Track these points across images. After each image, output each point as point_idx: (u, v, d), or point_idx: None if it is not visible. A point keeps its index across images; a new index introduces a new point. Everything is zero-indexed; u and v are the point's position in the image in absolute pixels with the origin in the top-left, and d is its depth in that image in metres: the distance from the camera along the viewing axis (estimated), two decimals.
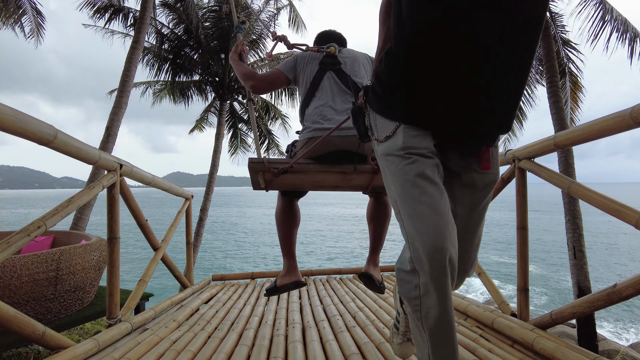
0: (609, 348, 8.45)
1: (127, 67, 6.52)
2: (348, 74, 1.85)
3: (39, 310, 2.68)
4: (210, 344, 1.92)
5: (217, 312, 2.60)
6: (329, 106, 1.79)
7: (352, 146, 1.75)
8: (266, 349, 1.88)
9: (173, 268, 3.09)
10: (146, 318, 2.33)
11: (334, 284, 3.45)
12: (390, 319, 2.32)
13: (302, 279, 2.07)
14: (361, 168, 1.76)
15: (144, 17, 6.87)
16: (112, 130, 6.23)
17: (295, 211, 2.06)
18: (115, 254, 2.07)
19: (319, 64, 1.87)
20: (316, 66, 1.87)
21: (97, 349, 1.74)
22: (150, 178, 2.56)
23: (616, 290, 1.47)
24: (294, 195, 2.06)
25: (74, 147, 1.62)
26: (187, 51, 10.44)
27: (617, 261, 23.68)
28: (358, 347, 1.90)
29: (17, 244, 1.37)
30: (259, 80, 1.90)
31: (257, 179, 1.77)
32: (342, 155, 1.77)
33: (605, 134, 1.47)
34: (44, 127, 1.40)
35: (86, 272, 2.97)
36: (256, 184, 1.82)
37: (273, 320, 2.39)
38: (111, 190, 2.05)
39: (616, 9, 7.07)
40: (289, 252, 2.04)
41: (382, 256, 2.24)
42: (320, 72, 1.85)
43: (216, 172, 10.55)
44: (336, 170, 1.76)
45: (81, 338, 4.53)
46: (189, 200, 3.52)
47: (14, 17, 8.36)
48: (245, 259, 26.50)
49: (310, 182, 1.88)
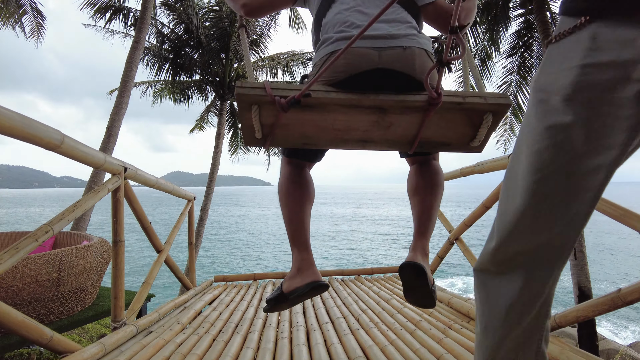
0: (608, 347, 8.48)
1: (128, 67, 6.52)
2: None
3: (41, 312, 2.69)
4: (215, 347, 1.92)
5: (221, 314, 2.61)
6: (358, 11, 1.22)
7: (400, 64, 1.14)
8: (271, 352, 1.89)
9: (176, 270, 3.10)
10: (150, 321, 2.33)
11: (336, 286, 3.45)
12: (394, 321, 2.33)
13: (322, 278, 1.37)
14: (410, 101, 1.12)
15: (144, 17, 6.88)
16: (113, 131, 6.23)
17: (307, 181, 1.45)
18: (119, 257, 2.08)
19: None
20: None
21: (104, 353, 1.75)
22: (154, 180, 2.57)
23: (620, 295, 1.47)
24: (306, 157, 1.46)
25: (80, 151, 1.62)
26: (187, 51, 10.45)
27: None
28: (363, 350, 1.91)
29: (26, 250, 1.37)
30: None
31: (251, 120, 1.13)
32: (381, 80, 1.14)
33: None
34: (51, 132, 1.40)
35: (88, 273, 2.98)
36: (249, 133, 1.18)
37: (277, 323, 2.40)
38: (116, 193, 2.06)
39: None
40: (301, 239, 1.40)
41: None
42: None
43: (216, 172, 10.56)
44: (371, 103, 1.12)
45: (82, 338, 4.53)
46: (191, 202, 3.53)
47: (14, 17, 8.35)
48: (246, 259, 26.52)
49: (329, 130, 1.21)
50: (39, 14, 8.76)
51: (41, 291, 2.64)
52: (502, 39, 9.21)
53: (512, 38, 9.18)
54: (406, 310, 2.56)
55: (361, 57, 1.12)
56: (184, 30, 10.08)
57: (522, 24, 8.92)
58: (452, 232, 3.00)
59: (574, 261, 6.07)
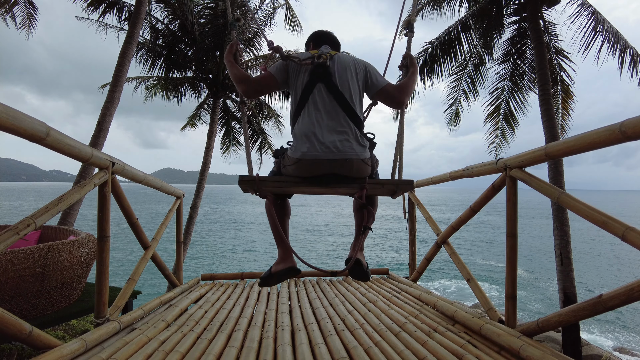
0: (592, 353, 8.60)
1: (121, 62, 6.45)
2: (338, 85, 1.83)
3: (24, 307, 2.65)
4: (199, 345, 1.91)
5: (206, 312, 2.59)
6: (319, 124, 1.78)
7: (343, 169, 1.79)
8: (255, 351, 1.88)
9: (163, 267, 3.07)
10: (134, 317, 2.31)
11: (324, 286, 3.45)
12: (380, 322, 2.34)
13: (297, 266, 2.00)
14: (346, 190, 1.91)
15: (139, 11, 6.81)
16: (103, 125, 6.16)
17: (285, 205, 2.10)
18: (105, 253, 2.05)
19: (309, 75, 1.84)
20: (307, 77, 1.84)
21: (85, 349, 1.72)
22: (142, 176, 2.54)
23: (601, 301, 1.49)
24: (283, 196, 2.10)
25: (66, 144, 1.60)
26: (181, 47, 10.36)
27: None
28: (347, 350, 1.91)
29: (6, 243, 1.35)
30: (250, 84, 1.91)
31: (247, 190, 1.88)
32: (331, 175, 1.82)
33: (595, 146, 1.50)
34: (36, 124, 1.38)
35: (74, 269, 2.94)
36: (245, 191, 1.91)
37: (262, 322, 2.39)
38: (103, 188, 2.03)
39: (608, 20, 7.19)
40: (282, 240, 1.99)
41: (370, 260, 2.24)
42: (310, 83, 1.83)
43: (208, 170, 10.50)
44: (322, 191, 1.95)
45: (66, 335, 4.47)
46: (180, 199, 3.50)
47: (5, 7, 8.22)
48: (233, 257, 26.40)
49: (299, 192, 2.00)
50: (31, 4, 8.63)
51: (25, 286, 2.60)
52: (496, 46, 9.29)
53: (506, 45, 9.26)
54: (392, 312, 2.56)
55: (318, 165, 1.78)
56: (178, 27, 9.99)
57: (516, 31, 9.00)
58: (439, 235, 3.02)
59: (560, 267, 6.13)
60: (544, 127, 6.85)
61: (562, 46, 8.75)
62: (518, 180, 2.08)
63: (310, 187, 1.89)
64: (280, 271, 1.96)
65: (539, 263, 24.84)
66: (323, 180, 1.84)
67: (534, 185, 1.96)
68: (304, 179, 1.86)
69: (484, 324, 2.06)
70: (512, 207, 2.08)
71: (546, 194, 1.90)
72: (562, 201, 1.79)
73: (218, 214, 59.92)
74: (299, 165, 1.81)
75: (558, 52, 8.74)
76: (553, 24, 8.57)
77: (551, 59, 8.52)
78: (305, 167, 1.80)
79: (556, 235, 6.29)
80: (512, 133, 9.95)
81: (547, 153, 1.81)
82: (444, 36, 9.12)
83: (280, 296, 3.09)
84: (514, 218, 2.08)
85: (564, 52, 8.73)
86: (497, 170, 2.22)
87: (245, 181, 1.80)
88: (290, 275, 1.97)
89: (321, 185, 1.86)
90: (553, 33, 8.64)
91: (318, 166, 1.78)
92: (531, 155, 1.94)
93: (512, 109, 9.60)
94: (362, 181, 1.86)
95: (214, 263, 24.31)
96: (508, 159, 2.11)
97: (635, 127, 1.27)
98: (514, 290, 2.06)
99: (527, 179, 1.99)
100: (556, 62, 8.74)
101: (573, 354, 5.69)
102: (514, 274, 2.07)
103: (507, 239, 2.09)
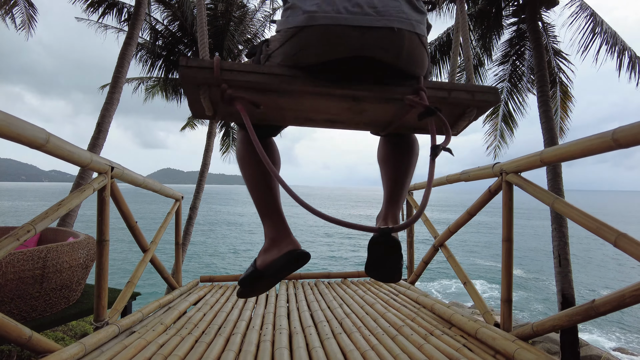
0: (591, 353, 8.63)
1: (120, 63, 6.47)
2: None
3: (24, 309, 2.67)
4: (197, 349, 1.93)
5: (205, 315, 2.61)
6: None
7: (384, 51, 0.93)
8: (253, 355, 1.90)
9: (162, 269, 3.09)
10: (133, 321, 2.33)
11: (322, 289, 3.47)
12: (377, 325, 2.36)
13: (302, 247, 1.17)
14: (389, 96, 1.01)
15: (138, 12, 6.83)
16: (103, 127, 6.18)
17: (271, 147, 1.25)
18: (104, 257, 2.07)
19: None
20: None
21: (84, 353, 1.74)
22: (141, 180, 2.56)
23: (594, 306, 1.51)
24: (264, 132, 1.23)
25: (66, 150, 1.62)
26: (181, 48, 10.39)
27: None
28: (344, 354, 1.93)
29: (7, 248, 1.37)
30: None
31: (199, 99, 0.98)
32: (359, 66, 0.96)
33: (588, 153, 1.51)
34: (36, 131, 1.40)
35: (73, 271, 2.96)
36: (197, 108, 1.06)
37: (260, 325, 2.41)
38: (102, 192, 2.05)
39: (606, 22, 7.21)
40: (272, 205, 1.18)
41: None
42: None
43: (207, 170, 10.52)
44: (343, 93, 0.99)
45: (65, 335, 4.50)
46: (179, 202, 3.52)
47: (5, 8, 8.23)
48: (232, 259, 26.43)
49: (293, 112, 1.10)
50: (30, 5, 8.64)
51: (24, 288, 2.61)
52: (495, 47, 9.32)
53: (505, 46, 9.29)
54: (389, 315, 2.58)
55: (338, 39, 0.90)
56: (178, 27, 10.02)
57: (515, 32, 9.03)
58: (437, 238, 3.04)
59: (558, 268, 6.15)
60: (543, 128, 6.87)
61: (560, 47, 8.79)
62: None
63: (318, 89, 0.97)
64: (275, 262, 1.14)
65: (540, 263, 24.91)
66: (345, 72, 0.96)
67: (529, 191, 1.98)
68: (309, 69, 0.96)
69: (480, 327, 2.08)
70: (508, 212, 2.10)
71: (541, 199, 1.92)
72: (556, 207, 1.81)
73: (219, 215, 59.95)
74: (301, 39, 0.92)
75: (557, 54, 8.77)
76: (552, 25, 8.60)
77: (550, 60, 8.55)
78: (314, 42, 0.92)
79: (554, 237, 6.31)
80: (510, 134, 9.99)
81: (542, 159, 1.83)
82: (443, 38, 9.15)
83: (278, 298, 3.10)
84: (510, 223, 2.09)
85: (562, 53, 8.76)
86: (493, 174, 2.23)
87: (196, 68, 0.91)
88: (293, 266, 1.14)
89: (341, 85, 0.96)
90: (552, 34, 8.67)
91: (337, 40, 0.90)
92: (527, 161, 1.96)
93: (511, 110, 9.64)
94: (417, 82, 0.99)
95: (213, 263, 24.35)
96: (504, 164, 2.13)
97: (627, 135, 1.29)
98: (509, 294, 2.08)
99: (522, 185, 2.01)
100: (555, 64, 8.77)
101: (571, 354, 5.71)
102: (510, 278, 2.08)
103: (503, 243, 2.10)
